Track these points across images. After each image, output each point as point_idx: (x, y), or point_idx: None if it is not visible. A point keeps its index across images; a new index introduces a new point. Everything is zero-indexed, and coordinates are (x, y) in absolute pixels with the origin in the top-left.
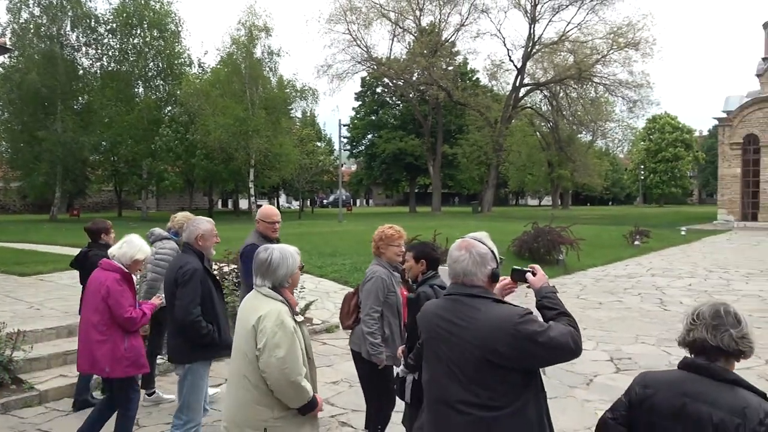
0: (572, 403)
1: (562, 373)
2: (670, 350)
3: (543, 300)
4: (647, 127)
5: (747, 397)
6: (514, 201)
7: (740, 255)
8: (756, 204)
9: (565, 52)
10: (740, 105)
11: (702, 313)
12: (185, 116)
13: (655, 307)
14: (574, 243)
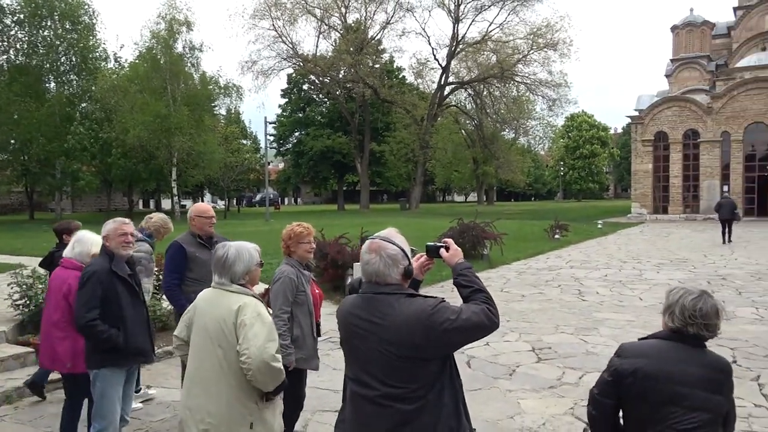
0: (496, 393)
1: (485, 364)
2: (587, 339)
3: (459, 278)
4: (566, 125)
5: (715, 356)
6: (441, 198)
7: (652, 246)
8: (666, 197)
9: (488, 52)
10: (651, 104)
11: (686, 306)
12: (101, 113)
13: (574, 297)
14: (498, 238)
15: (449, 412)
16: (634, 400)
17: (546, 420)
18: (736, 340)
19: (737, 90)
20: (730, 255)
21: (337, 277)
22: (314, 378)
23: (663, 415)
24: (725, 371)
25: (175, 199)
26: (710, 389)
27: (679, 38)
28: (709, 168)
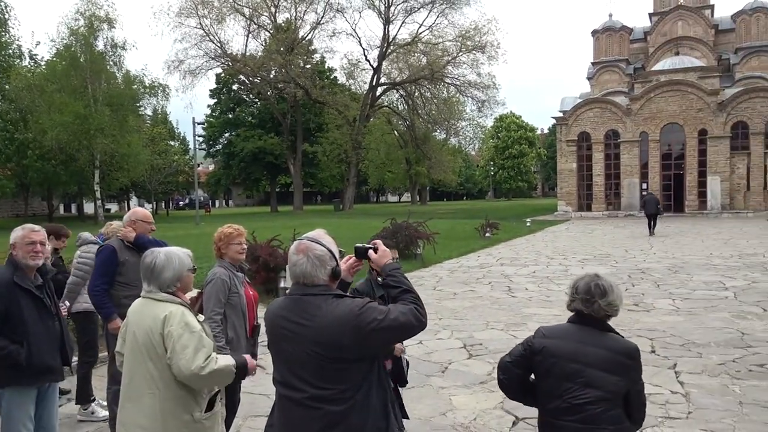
0: (428, 391)
1: (418, 362)
2: (516, 334)
3: (387, 279)
4: (495, 126)
5: (618, 339)
6: (375, 198)
7: (577, 242)
8: (590, 195)
9: (418, 53)
10: (574, 105)
11: (579, 288)
12: (15, 113)
13: (504, 294)
14: (430, 237)
15: (378, 412)
16: (542, 376)
17: (477, 415)
18: (654, 331)
19: (654, 92)
20: (650, 249)
21: (269, 280)
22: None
23: (563, 389)
24: (628, 354)
25: (98, 202)
26: (607, 370)
27: (599, 42)
28: (629, 167)
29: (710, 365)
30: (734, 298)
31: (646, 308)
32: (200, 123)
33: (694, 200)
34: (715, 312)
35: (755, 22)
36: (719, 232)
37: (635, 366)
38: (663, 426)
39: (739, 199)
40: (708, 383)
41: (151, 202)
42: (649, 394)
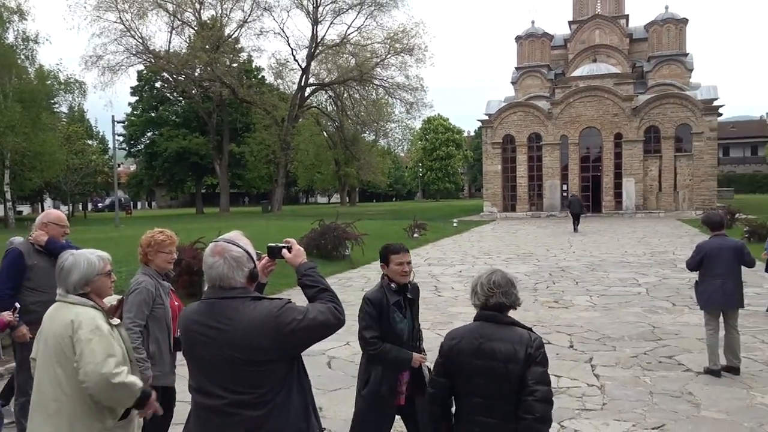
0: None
1: (345, 364)
2: (442, 333)
3: (303, 278)
4: (423, 128)
5: (520, 332)
6: (305, 199)
7: (501, 242)
8: (515, 196)
9: (347, 54)
10: (499, 109)
11: (477, 286)
12: None
13: (431, 294)
14: (359, 238)
15: (298, 413)
16: (455, 376)
17: None
18: (573, 326)
19: (573, 97)
20: (569, 248)
21: (192, 284)
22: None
23: (473, 385)
24: (527, 344)
25: (8, 204)
26: (510, 361)
27: (522, 48)
28: (550, 169)
29: (623, 358)
30: (646, 293)
31: (566, 305)
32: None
33: (610, 201)
34: (629, 307)
35: (666, 32)
36: (634, 231)
37: (536, 357)
38: (579, 418)
39: (652, 200)
40: (621, 375)
41: (67, 204)
42: (567, 388)
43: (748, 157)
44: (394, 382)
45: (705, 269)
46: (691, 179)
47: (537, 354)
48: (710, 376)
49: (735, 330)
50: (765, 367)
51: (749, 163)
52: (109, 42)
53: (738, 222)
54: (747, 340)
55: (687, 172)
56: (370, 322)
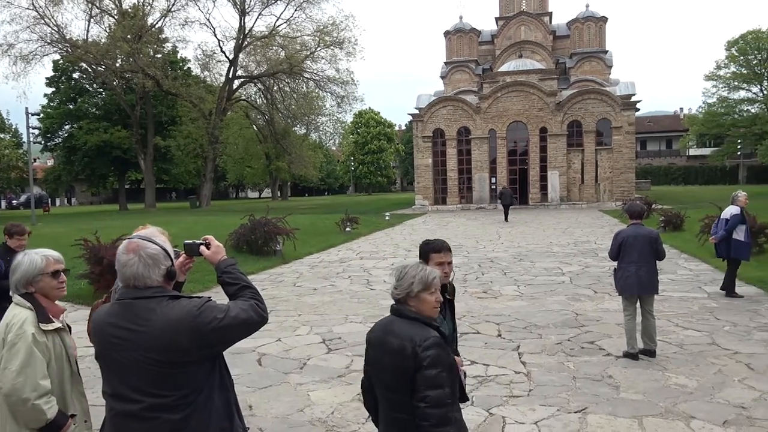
0: (286, 388)
1: (276, 360)
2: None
3: (223, 276)
4: (355, 122)
5: (416, 330)
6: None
7: (433, 235)
8: (445, 189)
9: (276, 47)
10: (429, 103)
11: (403, 275)
12: None
13: (363, 287)
14: (291, 233)
15: (220, 413)
16: (370, 366)
17: (335, 409)
18: (501, 316)
19: (500, 92)
20: (498, 240)
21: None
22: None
23: (378, 377)
24: (416, 343)
25: None
26: (399, 356)
27: (451, 43)
28: (479, 162)
29: (549, 345)
30: (570, 282)
31: (494, 295)
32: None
33: (537, 193)
34: (554, 296)
35: (587, 29)
36: (558, 222)
37: (424, 359)
38: (507, 405)
39: (575, 192)
40: (547, 362)
41: None
42: (495, 376)
43: (663, 150)
44: None
45: (621, 256)
46: (611, 172)
47: (425, 356)
48: (629, 360)
49: (651, 315)
50: (679, 350)
51: (664, 156)
52: (21, 30)
53: (654, 212)
54: (662, 324)
55: (607, 165)
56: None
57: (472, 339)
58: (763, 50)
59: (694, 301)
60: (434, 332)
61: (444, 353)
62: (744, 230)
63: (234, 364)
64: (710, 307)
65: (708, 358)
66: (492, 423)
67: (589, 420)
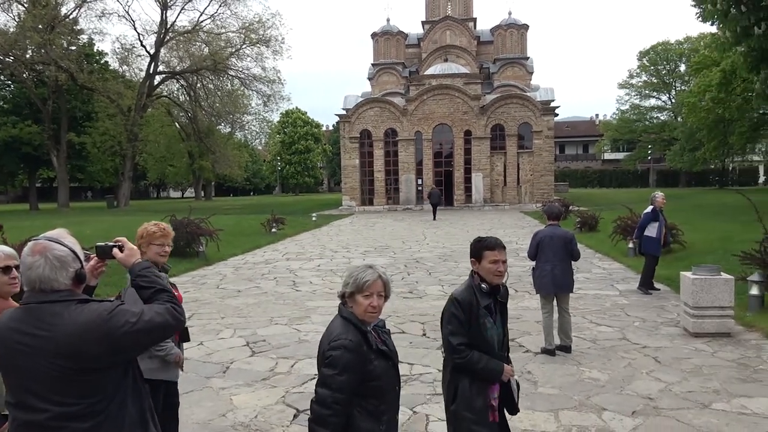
0: (208, 393)
1: (198, 365)
2: (299, 327)
3: (137, 279)
4: (281, 121)
5: (340, 328)
6: (155, 194)
7: (360, 236)
8: (372, 190)
9: (200, 43)
10: (356, 104)
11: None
12: None
13: (289, 289)
14: (214, 234)
15: (134, 422)
16: None
17: (258, 412)
18: (425, 315)
19: (426, 95)
20: (423, 240)
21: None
22: None
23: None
24: (328, 340)
25: None
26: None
27: (378, 45)
28: (406, 163)
29: None
30: None
31: (419, 295)
32: None
33: (461, 194)
34: None
35: (509, 36)
36: (482, 223)
37: (327, 357)
38: (430, 403)
39: (498, 194)
40: None
41: None
42: (419, 374)
43: (580, 154)
44: (485, 395)
45: (539, 256)
46: (531, 174)
47: (328, 354)
48: (546, 356)
49: (567, 312)
50: (593, 345)
51: (581, 159)
52: None
53: (571, 213)
54: (578, 320)
55: (528, 168)
56: (458, 327)
57: (398, 338)
58: (672, 61)
59: (607, 298)
60: (354, 336)
61: (353, 358)
62: (656, 228)
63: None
64: (622, 304)
65: (619, 352)
66: (415, 421)
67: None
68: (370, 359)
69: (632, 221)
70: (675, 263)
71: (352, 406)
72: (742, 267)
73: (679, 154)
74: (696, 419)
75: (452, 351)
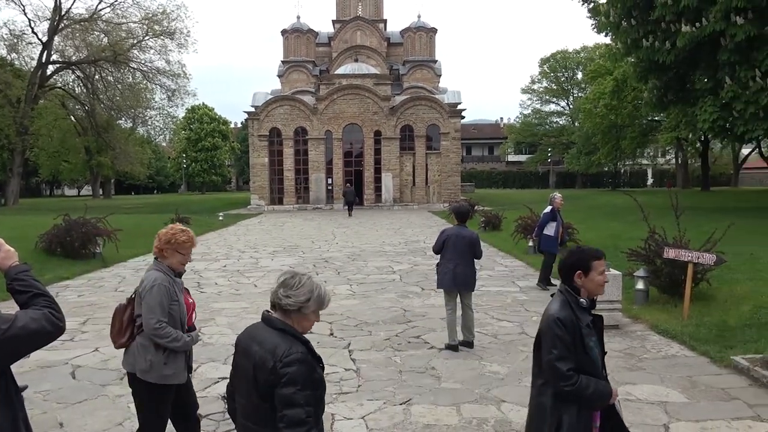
0: (104, 401)
1: (93, 372)
2: (203, 330)
3: (13, 283)
4: (187, 117)
5: (281, 341)
6: (49, 191)
7: (268, 235)
8: (282, 189)
9: (98, 32)
10: (265, 101)
11: (282, 282)
12: None
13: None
14: (112, 234)
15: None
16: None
17: None
18: (333, 315)
19: (336, 94)
20: (333, 240)
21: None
22: None
23: (238, 384)
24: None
25: None
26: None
27: (288, 42)
28: (316, 162)
29: (378, 341)
30: (400, 280)
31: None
32: None
33: (371, 194)
34: (385, 293)
35: (419, 39)
36: (391, 222)
37: (283, 375)
38: (337, 402)
39: (407, 193)
40: (375, 357)
41: None
42: (325, 374)
43: (486, 156)
44: (589, 424)
45: (443, 253)
46: (439, 175)
47: (283, 372)
48: (450, 351)
49: (469, 309)
50: (494, 340)
51: (487, 161)
52: None
53: (477, 213)
54: (480, 316)
55: (436, 169)
56: (565, 351)
57: None
58: (570, 69)
59: (508, 294)
60: (301, 347)
61: (306, 370)
62: (554, 227)
63: (44, 378)
64: (521, 300)
65: (518, 346)
66: None
67: (413, 410)
68: (315, 368)
69: (532, 221)
70: None
71: None
72: (630, 263)
73: (576, 157)
74: None
75: (561, 378)
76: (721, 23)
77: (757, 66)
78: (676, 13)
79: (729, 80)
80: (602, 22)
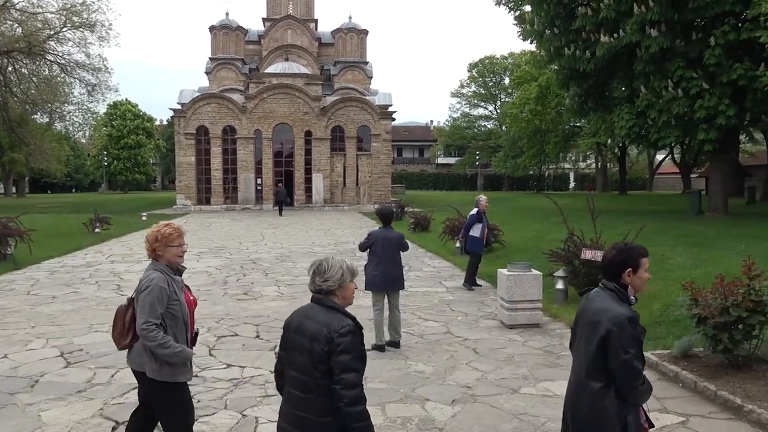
0: (12, 410)
1: (2, 380)
2: None
3: None
4: (109, 113)
5: (333, 317)
6: None
7: (195, 236)
8: (209, 189)
9: (11, 21)
10: (192, 99)
11: (318, 270)
12: None
13: (112, 293)
14: (24, 234)
15: None
16: (285, 349)
17: (71, 427)
18: (260, 317)
19: (267, 93)
20: (261, 241)
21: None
22: None
23: (291, 358)
24: (332, 329)
25: None
26: (315, 340)
27: (216, 39)
28: (245, 162)
29: None
30: None
31: (255, 296)
32: None
33: (302, 194)
34: None
35: (350, 40)
36: (321, 223)
37: (339, 344)
38: (261, 405)
39: (338, 194)
40: None
41: None
42: (251, 377)
43: (417, 158)
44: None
45: (371, 255)
46: (370, 176)
47: (340, 341)
48: (377, 351)
49: (397, 309)
50: (420, 339)
51: (417, 163)
52: None
53: (406, 214)
54: (407, 317)
55: (367, 170)
56: (640, 350)
57: (230, 342)
58: (497, 74)
59: (435, 294)
60: (350, 321)
61: (357, 340)
62: (480, 229)
63: None
64: (448, 300)
65: (443, 345)
66: (244, 425)
67: None
68: (362, 339)
69: (459, 222)
70: (495, 261)
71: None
72: (550, 264)
73: (503, 161)
74: (507, 403)
75: (637, 378)
76: (636, 35)
77: (670, 77)
78: (596, 24)
79: (644, 89)
80: (527, 30)
